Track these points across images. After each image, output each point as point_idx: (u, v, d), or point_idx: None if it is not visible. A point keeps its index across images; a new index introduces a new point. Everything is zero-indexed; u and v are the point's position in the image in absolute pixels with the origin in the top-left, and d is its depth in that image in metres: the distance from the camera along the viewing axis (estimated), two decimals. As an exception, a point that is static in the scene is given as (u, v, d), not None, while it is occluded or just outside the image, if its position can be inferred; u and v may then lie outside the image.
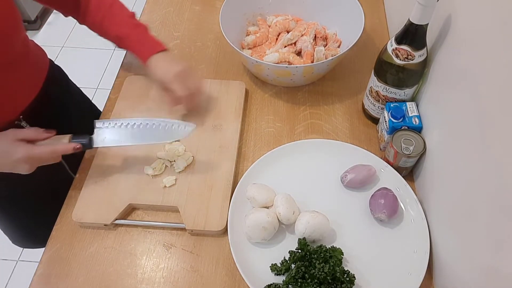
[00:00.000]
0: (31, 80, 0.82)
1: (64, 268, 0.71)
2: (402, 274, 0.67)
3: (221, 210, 0.74)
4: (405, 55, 0.72)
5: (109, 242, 0.73)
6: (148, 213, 0.77)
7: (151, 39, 0.85)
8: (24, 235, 1.03)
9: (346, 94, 0.94)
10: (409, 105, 0.79)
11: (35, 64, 0.85)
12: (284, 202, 0.70)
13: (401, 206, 0.75)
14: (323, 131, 0.88)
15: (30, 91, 0.82)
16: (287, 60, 0.93)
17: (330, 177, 0.79)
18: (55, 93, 0.90)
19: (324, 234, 0.70)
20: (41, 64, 0.87)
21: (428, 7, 0.65)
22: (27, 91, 0.81)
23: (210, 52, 1.04)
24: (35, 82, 0.83)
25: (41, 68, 0.87)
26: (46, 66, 0.89)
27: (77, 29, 2.46)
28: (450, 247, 0.64)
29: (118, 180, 0.78)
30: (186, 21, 1.12)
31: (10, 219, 0.98)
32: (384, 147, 0.82)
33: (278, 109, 0.92)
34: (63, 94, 0.96)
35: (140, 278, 0.70)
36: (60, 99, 0.93)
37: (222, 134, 0.85)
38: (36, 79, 0.84)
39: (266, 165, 0.80)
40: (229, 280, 0.69)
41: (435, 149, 0.71)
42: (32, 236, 1.02)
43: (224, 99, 0.91)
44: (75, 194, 0.78)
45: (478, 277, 0.54)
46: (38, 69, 0.85)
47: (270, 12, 1.04)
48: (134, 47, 0.84)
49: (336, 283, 0.63)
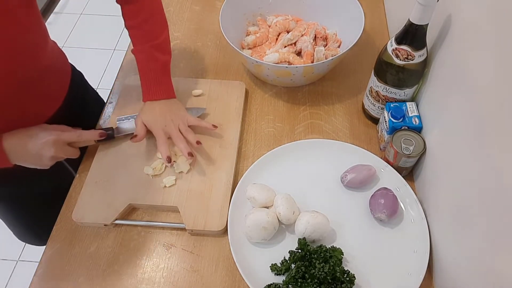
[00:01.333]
0: (56, 90, 0.83)
1: (64, 268, 0.71)
2: (402, 274, 0.67)
3: (221, 210, 0.74)
4: (405, 55, 0.72)
5: (109, 242, 0.73)
6: (148, 213, 0.77)
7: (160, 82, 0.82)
8: (29, 233, 1.04)
9: (346, 94, 0.94)
10: (409, 105, 0.79)
11: (60, 71, 0.85)
12: (284, 202, 0.70)
13: (401, 206, 0.75)
14: (323, 131, 0.88)
15: (55, 100, 0.82)
16: (287, 60, 0.93)
17: (330, 177, 0.79)
18: (78, 100, 0.91)
19: (324, 234, 0.70)
20: (64, 71, 0.87)
21: (428, 7, 0.65)
22: (53, 101, 0.82)
23: (210, 52, 1.04)
24: (60, 91, 0.84)
25: (65, 75, 0.87)
26: (69, 73, 0.88)
27: (77, 29, 2.46)
28: (450, 247, 0.64)
29: (118, 180, 0.78)
30: (186, 21, 1.12)
31: (15, 218, 0.98)
32: (384, 147, 0.82)
33: (278, 109, 0.92)
34: (84, 99, 0.96)
35: (140, 278, 0.70)
36: (81, 105, 0.94)
37: (222, 134, 0.85)
38: (61, 87, 0.85)
39: (266, 165, 0.80)
40: (229, 280, 0.69)
41: (435, 149, 0.71)
42: (37, 234, 1.02)
43: (224, 99, 0.91)
44: (75, 194, 0.78)
45: (478, 277, 0.54)
46: (62, 77, 0.86)
47: (270, 12, 1.04)
48: (142, 81, 0.82)
49: (336, 283, 0.63)
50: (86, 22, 2.55)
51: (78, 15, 2.59)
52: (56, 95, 0.83)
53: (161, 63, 0.82)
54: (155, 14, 0.82)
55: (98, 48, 2.32)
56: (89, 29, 2.46)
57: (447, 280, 0.64)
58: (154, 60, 0.81)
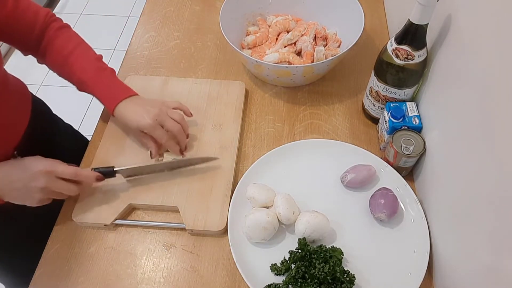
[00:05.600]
0: (18, 113, 0.78)
1: (64, 268, 0.71)
2: (402, 274, 0.67)
3: (221, 210, 0.74)
4: (405, 55, 0.72)
5: (109, 242, 0.73)
6: (148, 213, 0.77)
7: (118, 84, 0.78)
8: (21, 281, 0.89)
9: (346, 94, 0.94)
10: (409, 105, 0.79)
11: (19, 96, 0.80)
12: (284, 202, 0.70)
13: (401, 206, 0.75)
14: (323, 131, 0.88)
15: (19, 126, 0.78)
16: (287, 60, 0.93)
17: (330, 177, 0.79)
18: (43, 125, 0.87)
19: (324, 234, 0.70)
20: (24, 96, 0.82)
21: (428, 7, 0.65)
22: (16, 127, 0.77)
23: (210, 52, 1.04)
24: (22, 116, 0.79)
25: (25, 101, 0.82)
26: (29, 99, 0.83)
27: (77, 29, 2.43)
28: (450, 247, 0.64)
29: (118, 180, 0.78)
30: (186, 21, 1.12)
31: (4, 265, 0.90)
32: (384, 147, 0.82)
33: (278, 109, 0.92)
34: (50, 124, 0.93)
35: (140, 278, 0.70)
36: (48, 130, 0.90)
37: (222, 134, 0.85)
38: (23, 111, 0.80)
39: (266, 165, 0.80)
40: (229, 280, 0.69)
41: (435, 149, 0.71)
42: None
43: (224, 99, 0.91)
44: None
45: (478, 277, 0.54)
46: (22, 101, 0.81)
47: (270, 12, 1.04)
48: (99, 92, 0.77)
49: (336, 283, 0.63)
50: (86, 22, 2.55)
51: (78, 15, 2.60)
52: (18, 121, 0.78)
53: (109, 71, 0.80)
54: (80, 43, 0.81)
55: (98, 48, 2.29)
56: (89, 29, 2.46)
57: (447, 280, 0.64)
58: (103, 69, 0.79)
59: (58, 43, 0.78)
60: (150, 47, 1.05)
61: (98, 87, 0.77)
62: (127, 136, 0.84)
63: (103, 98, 0.78)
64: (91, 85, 0.77)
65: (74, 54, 0.78)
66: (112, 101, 0.76)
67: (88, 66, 0.78)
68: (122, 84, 0.79)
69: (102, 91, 0.77)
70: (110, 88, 0.78)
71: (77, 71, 0.77)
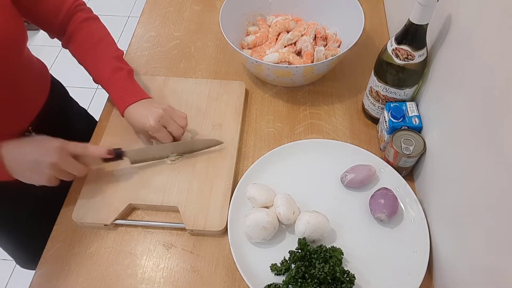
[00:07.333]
0: (36, 92, 0.82)
1: (64, 268, 0.71)
2: (402, 274, 0.67)
3: (221, 210, 0.74)
4: (405, 55, 0.72)
5: (109, 242, 0.73)
6: (148, 213, 0.77)
7: (131, 87, 0.79)
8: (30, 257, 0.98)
9: (346, 94, 0.94)
10: (409, 105, 0.79)
11: (40, 75, 0.85)
12: (284, 202, 0.70)
13: (401, 206, 0.75)
14: (323, 131, 0.88)
15: (36, 103, 0.82)
16: (287, 60, 0.93)
17: (330, 177, 0.79)
18: (59, 105, 0.91)
19: (324, 234, 0.70)
20: (44, 77, 0.87)
21: (428, 7, 0.65)
22: (34, 103, 0.81)
23: (210, 52, 1.04)
24: (40, 94, 0.84)
25: (45, 81, 0.87)
26: (48, 79, 0.89)
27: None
28: (450, 247, 0.64)
29: (118, 180, 0.78)
30: (186, 21, 1.12)
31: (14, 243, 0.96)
32: (384, 147, 0.82)
33: (278, 109, 0.92)
34: (65, 105, 0.97)
35: (140, 278, 0.70)
36: (63, 110, 0.94)
37: (222, 134, 0.85)
38: (41, 90, 0.84)
39: (266, 165, 0.80)
40: (229, 280, 0.69)
41: (435, 149, 0.71)
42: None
43: (224, 99, 0.91)
44: (75, 194, 0.78)
45: (478, 277, 0.54)
46: (42, 81, 0.86)
47: (270, 12, 1.04)
48: (112, 93, 0.80)
49: (336, 283, 0.63)
50: (86, 22, 2.55)
51: (78, 15, 2.59)
52: (35, 99, 0.82)
53: (126, 71, 0.81)
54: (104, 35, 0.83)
55: (98, 48, 2.32)
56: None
57: (447, 280, 0.64)
58: (119, 70, 0.80)
59: (81, 36, 0.80)
60: (150, 47, 1.05)
61: (111, 88, 0.80)
62: None
63: (115, 100, 0.80)
64: (105, 86, 0.80)
65: (94, 50, 0.80)
66: (122, 104, 0.78)
67: (106, 65, 0.80)
68: (135, 87, 0.81)
69: (115, 93, 0.79)
70: (122, 90, 0.79)
71: (94, 69, 0.80)
